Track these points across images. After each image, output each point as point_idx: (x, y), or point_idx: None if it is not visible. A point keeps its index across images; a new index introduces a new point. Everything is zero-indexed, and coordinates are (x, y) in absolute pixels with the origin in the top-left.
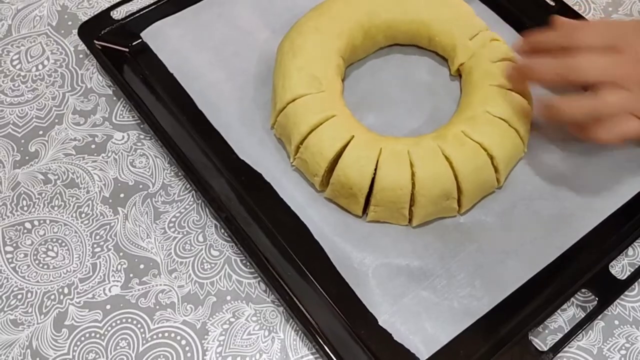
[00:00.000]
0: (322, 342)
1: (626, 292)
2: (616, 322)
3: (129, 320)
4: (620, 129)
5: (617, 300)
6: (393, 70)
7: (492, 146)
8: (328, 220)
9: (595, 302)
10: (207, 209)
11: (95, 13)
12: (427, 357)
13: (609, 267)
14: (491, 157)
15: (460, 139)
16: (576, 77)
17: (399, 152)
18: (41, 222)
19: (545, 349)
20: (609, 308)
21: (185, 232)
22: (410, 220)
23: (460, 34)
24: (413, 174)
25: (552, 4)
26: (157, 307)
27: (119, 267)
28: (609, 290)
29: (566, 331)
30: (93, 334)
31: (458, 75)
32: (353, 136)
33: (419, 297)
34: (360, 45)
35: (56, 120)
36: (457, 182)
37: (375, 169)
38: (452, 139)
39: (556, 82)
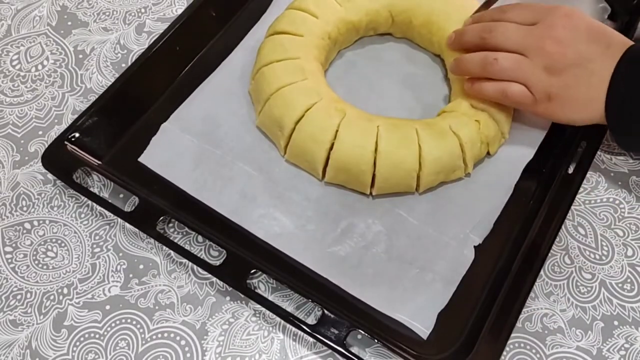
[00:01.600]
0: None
1: (626, 293)
2: (615, 322)
3: (129, 320)
4: (501, 87)
5: (617, 301)
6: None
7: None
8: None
9: None
10: None
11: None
12: None
13: None
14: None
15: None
16: (492, 44)
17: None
18: (40, 222)
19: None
20: (608, 308)
21: (184, 232)
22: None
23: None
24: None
25: None
26: (157, 307)
27: (119, 267)
28: None
29: (566, 332)
30: (92, 334)
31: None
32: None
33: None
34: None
35: (56, 121)
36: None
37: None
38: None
39: (478, 48)
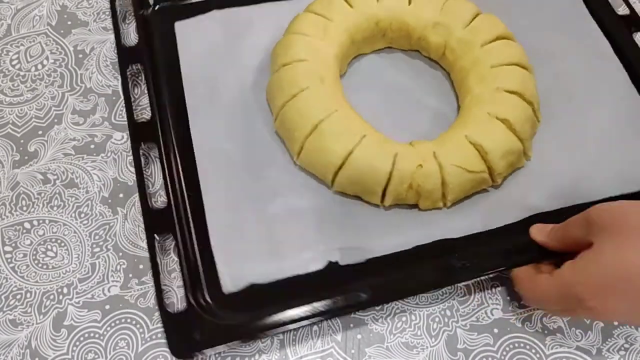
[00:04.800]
0: None
1: None
2: (615, 322)
3: (128, 320)
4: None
5: None
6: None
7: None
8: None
9: None
10: None
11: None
12: None
13: None
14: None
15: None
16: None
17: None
18: (40, 222)
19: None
20: None
21: None
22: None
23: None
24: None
25: None
26: (157, 307)
27: (118, 267)
28: None
29: (566, 332)
30: (92, 334)
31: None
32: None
33: None
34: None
35: (55, 120)
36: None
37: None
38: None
39: None
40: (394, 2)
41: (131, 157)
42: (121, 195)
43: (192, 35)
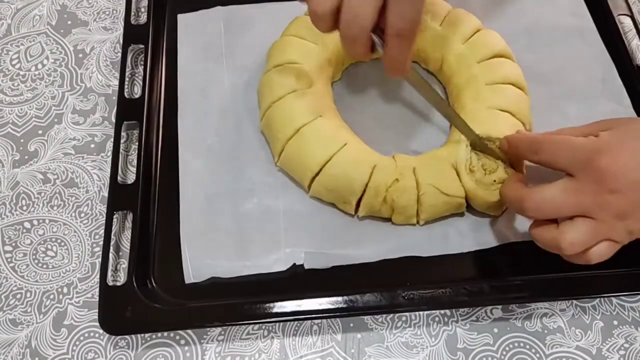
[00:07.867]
0: None
1: (625, 292)
2: (615, 322)
3: None
4: (588, 258)
5: (617, 300)
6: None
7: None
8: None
9: None
10: None
11: None
12: None
13: None
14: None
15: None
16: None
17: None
18: (40, 221)
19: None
20: (608, 308)
21: None
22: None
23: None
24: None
25: None
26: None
27: (118, 266)
28: None
29: (566, 332)
30: (92, 334)
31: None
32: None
33: None
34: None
35: (55, 120)
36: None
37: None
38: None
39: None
40: None
41: (131, 157)
42: None
43: (193, 29)
